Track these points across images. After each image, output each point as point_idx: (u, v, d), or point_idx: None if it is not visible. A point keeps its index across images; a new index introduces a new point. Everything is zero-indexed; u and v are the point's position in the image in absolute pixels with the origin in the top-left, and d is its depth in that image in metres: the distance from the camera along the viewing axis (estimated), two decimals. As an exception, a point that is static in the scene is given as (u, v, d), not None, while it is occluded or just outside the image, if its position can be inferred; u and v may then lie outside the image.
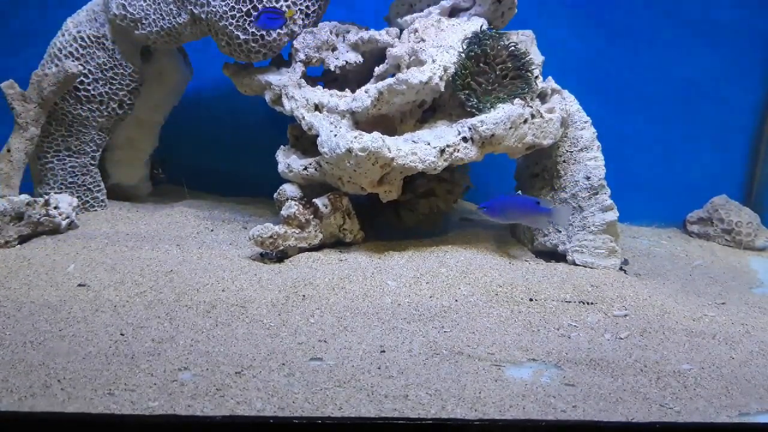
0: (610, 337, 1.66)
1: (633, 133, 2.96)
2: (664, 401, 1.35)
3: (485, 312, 1.77)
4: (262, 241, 2.06)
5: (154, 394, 1.26)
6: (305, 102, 2.27)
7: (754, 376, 1.49)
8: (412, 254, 2.16)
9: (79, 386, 1.27)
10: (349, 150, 2.03)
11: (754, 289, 2.19)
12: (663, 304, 1.88)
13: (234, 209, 2.67)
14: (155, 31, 2.34)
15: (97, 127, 2.47)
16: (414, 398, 1.29)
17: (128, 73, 2.45)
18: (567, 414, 1.28)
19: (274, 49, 2.34)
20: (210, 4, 2.25)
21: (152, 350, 1.44)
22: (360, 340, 1.56)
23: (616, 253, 2.18)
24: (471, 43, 2.20)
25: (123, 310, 1.66)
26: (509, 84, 2.18)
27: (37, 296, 1.72)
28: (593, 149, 2.25)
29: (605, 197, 2.19)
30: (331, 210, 2.17)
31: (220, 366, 1.38)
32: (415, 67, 2.18)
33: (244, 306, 1.72)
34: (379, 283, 1.92)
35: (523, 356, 1.53)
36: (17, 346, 1.43)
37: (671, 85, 2.93)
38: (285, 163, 2.31)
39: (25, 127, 2.28)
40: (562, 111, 2.25)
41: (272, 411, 1.22)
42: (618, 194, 2.21)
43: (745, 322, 1.81)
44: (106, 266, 1.93)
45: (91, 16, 2.41)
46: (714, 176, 2.98)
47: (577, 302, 1.87)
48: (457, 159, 2.12)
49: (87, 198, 2.51)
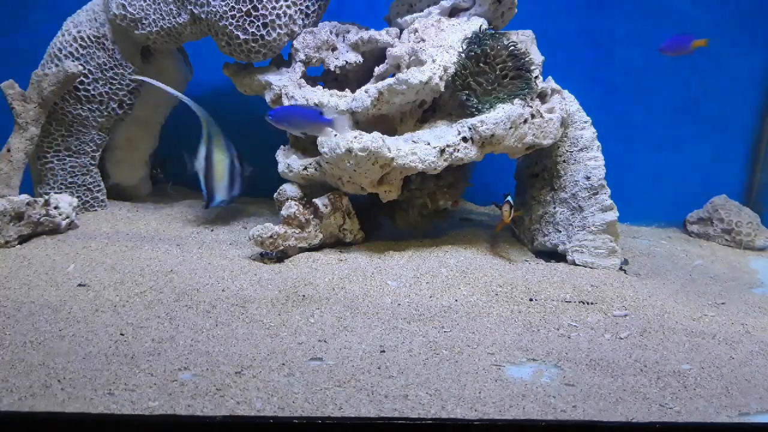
0: (610, 337, 1.66)
1: (633, 133, 2.97)
2: (664, 401, 1.35)
3: (485, 312, 1.77)
4: (262, 241, 2.06)
5: (154, 394, 1.26)
6: (305, 102, 2.27)
7: (754, 376, 1.49)
8: (412, 254, 2.16)
9: (79, 386, 1.27)
10: (349, 150, 2.03)
11: (754, 289, 2.19)
12: (663, 304, 1.88)
13: (234, 209, 2.67)
14: (155, 31, 2.34)
15: (97, 127, 2.47)
16: (414, 398, 1.29)
17: (128, 73, 2.45)
18: (567, 414, 1.28)
19: (274, 49, 2.34)
20: (210, 4, 2.25)
21: (152, 350, 1.44)
22: (360, 340, 1.56)
23: (616, 253, 2.18)
24: (471, 43, 2.20)
25: (123, 310, 1.66)
26: (509, 84, 2.18)
27: (37, 296, 1.72)
28: (593, 149, 2.25)
29: (605, 197, 2.19)
30: (331, 210, 2.18)
31: (220, 366, 1.38)
32: (415, 67, 2.18)
33: (244, 306, 1.72)
34: (379, 283, 1.92)
35: (523, 356, 1.53)
36: (17, 346, 1.43)
37: (671, 85, 2.93)
38: (285, 163, 2.31)
39: (25, 127, 2.28)
40: (562, 111, 2.25)
41: (272, 411, 1.22)
42: (618, 194, 2.21)
43: (745, 322, 1.81)
44: (106, 266, 1.93)
45: (91, 16, 2.41)
46: (714, 176, 2.98)
47: (577, 302, 1.87)
48: (457, 159, 2.12)
49: (87, 198, 2.51)
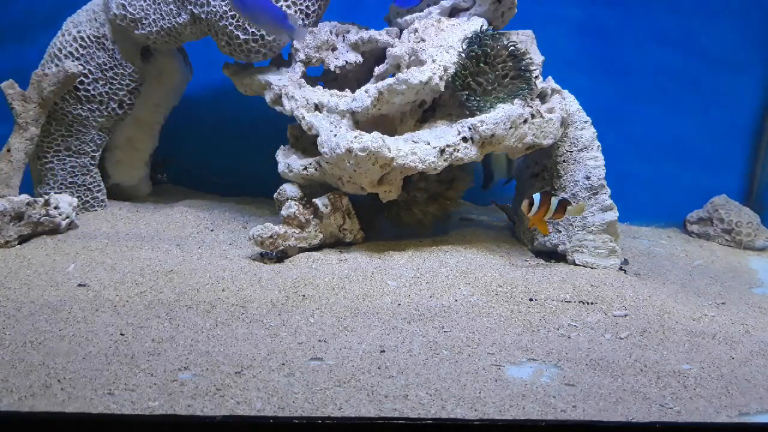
0: (610, 337, 1.66)
1: (633, 132, 2.96)
2: (664, 401, 1.35)
3: (485, 312, 1.77)
4: (262, 241, 2.06)
5: (154, 394, 1.26)
6: (305, 102, 2.27)
7: (754, 376, 1.49)
8: (412, 254, 2.16)
9: (79, 386, 1.27)
10: (349, 150, 2.03)
11: (754, 289, 2.19)
12: (663, 304, 1.88)
13: (234, 209, 2.67)
14: (155, 31, 2.34)
15: (97, 127, 2.47)
16: (414, 398, 1.29)
17: (128, 73, 2.45)
18: (567, 414, 1.28)
19: (274, 49, 2.34)
20: (210, 4, 2.25)
21: (152, 350, 1.44)
22: (360, 340, 1.56)
23: (616, 253, 2.18)
24: (471, 43, 2.20)
25: (123, 310, 1.66)
26: (509, 84, 2.18)
27: (37, 296, 1.72)
28: (593, 149, 2.25)
29: (605, 197, 2.19)
30: (331, 210, 2.18)
31: (220, 366, 1.38)
32: (415, 67, 2.18)
33: (244, 306, 1.72)
34: (379, 283, 1.92)
35: (523, 356, 1.53)
36: (17, 346, 1.43)
37: (672, 85, 2.93)
38: (285, 163, 2.31)
39: (25, 127, 2.28)
40: (562, 111, 2.25)
41: (272, 411, 1.22)
42: (618, 194, 2.21)
43: (745, 322, 1.81)
44: (106, 266, 1.93)
45: (91, 16, 2.41)
46: (714, 176, 2.98)
47: (577, 302, 1.87)
48: (457, 159, 2.12)
49: (87, 198, 2.51)
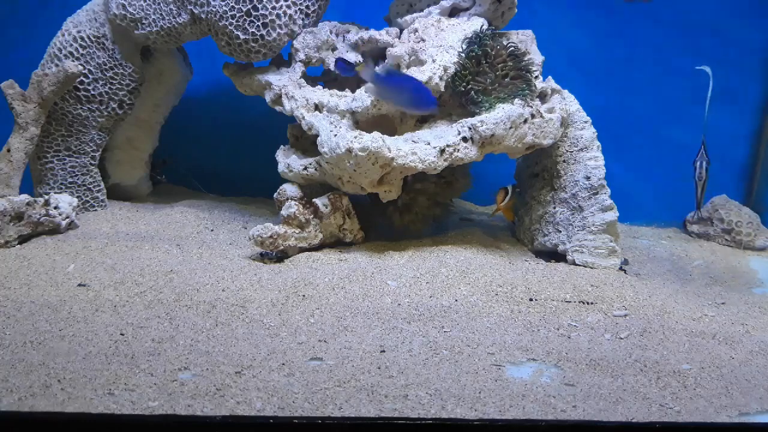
0: (610, 337, 1.66)
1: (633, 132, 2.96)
2: (664, 401, 1.35)
3: (485, 312, 1.77)
4: (262, 241, 2.06)
5: (154, 394, 1.26)
6: (305, 102, 2.27)
7: (754, 376, 1.49)
8: (412, 254, 2.16)
9: (79, 386, 1.27)
10: (349, 150, 2.03)
11: (754, 289, 2.19)
12: (663, 304, 1.88)
13: (234, 209, 2.67)
14: (155, 30, 2.34)
15: (97, 127, 2.47)
16: (414, 398, 1.29)
17: (128, 73, 2.45)
18: (567, 414, 1.28)
19: (274, 49, 2.34)
20: (210, 4, 2.25)
21: (152, 350, 1.44)
22: (360, 340, 1.56)
23: (616, 253, 2.18)
24: (471, 43, 2.20)
25: (123, 310, 1.66)
26: (509, 84, 2.18)
27: (37, 296, 1.72)
28: (593, 149, 2.25)
29: (605, 197, 2.19)
30: (331, 210, 2.18)
31: (220, 366, 1.38)
32: (415, 67, 2.18)
33: (244, 306, 1.72)
34: (379, 283, 1.92)
35: (523, 356, 1.53)
36: (17, 346, 1.43)
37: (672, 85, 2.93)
38: (285, 163, 2.31)
39: (25, 127, 2.28)
40: (562, 111, 2.25)
41: (272, 411, 1.22)
42: (618, 194, 2.21)
43: (745, 322, 1.81)
44: (106, 266, 1.93)
45: (91, 16, 2.41)
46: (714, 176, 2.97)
47: (577, 302, 1.86)
48: (457, 159, 2.12)
49: (87, 198, 2.51)
